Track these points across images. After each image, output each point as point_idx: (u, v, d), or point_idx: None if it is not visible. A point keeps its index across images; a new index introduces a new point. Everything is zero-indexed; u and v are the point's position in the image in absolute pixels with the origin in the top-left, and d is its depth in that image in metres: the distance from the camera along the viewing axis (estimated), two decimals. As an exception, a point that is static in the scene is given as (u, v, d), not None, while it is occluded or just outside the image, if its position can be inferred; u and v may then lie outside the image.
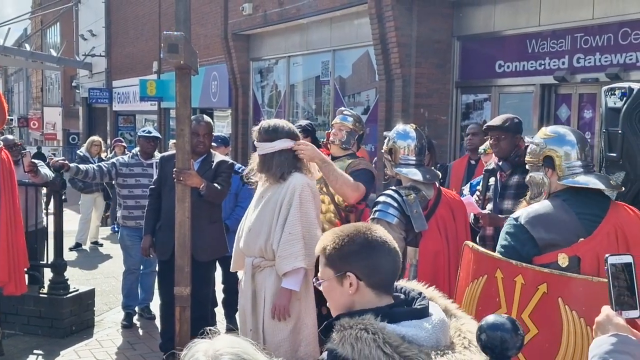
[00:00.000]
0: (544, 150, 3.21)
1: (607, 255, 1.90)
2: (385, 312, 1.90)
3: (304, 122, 6.34)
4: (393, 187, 4.08)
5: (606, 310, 1.88)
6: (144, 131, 7.32)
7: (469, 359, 1.91)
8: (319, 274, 2.07)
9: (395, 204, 3.91)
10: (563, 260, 2.93)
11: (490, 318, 2.48)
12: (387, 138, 4.24)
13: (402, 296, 2.01)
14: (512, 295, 2.93)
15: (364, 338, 1.80)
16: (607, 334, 1.83)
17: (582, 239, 2.96)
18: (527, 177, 3.33)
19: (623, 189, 3.28)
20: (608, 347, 1.79)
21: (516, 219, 3.08)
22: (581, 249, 2.95)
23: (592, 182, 3.10)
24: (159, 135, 7.41)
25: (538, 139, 3.27)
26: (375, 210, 3.97)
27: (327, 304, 2.08)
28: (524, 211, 3.11)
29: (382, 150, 4.28)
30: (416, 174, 4.05)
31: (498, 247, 3.12)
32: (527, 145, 4.70)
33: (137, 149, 7.21)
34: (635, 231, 3.06)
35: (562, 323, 2.82)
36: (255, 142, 4.33)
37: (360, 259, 1.96)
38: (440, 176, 4.23)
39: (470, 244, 3.26)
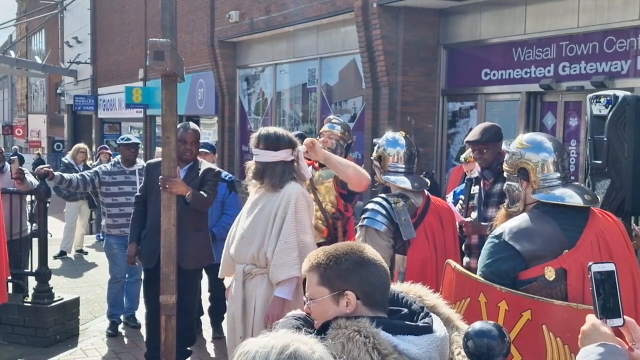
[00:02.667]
0: (520, 161, 3.14)
1: (590, 263, 1.89)
2: (384, 321, 1.89)
3: (295, 134, 6.37)
4: (382, 195, 4.07)
5: (591, 319, 1.87)
6: (122, 139, 7.31)
7: None
8: (308, 294, 2.02)
9: (384, 212, 3.91)
10: (550, 273, 2.89)
11: (477, 325, 2.48)
12: (377, 145, 4.24)
13: (406, 310, 1.99)
14: (495, 321, 2.90)
15: (355, 340, 1.80)
16: (594, 343, 1.82)
17: (566, 251, 2.92)
18: (505, 186, 3.30)
19: (599, 201, 3.22)
20: (596, 357, 1.78)
21: (498, 237, 3.01)
22: (567, 261, 2.91)
23: (567, 195, 3.04)
24: (138, 141, 7.40)
25: (514, 148, 3.19)
26: (364, 218, 3.96)
27: (315, 323, 2.02)
28: (505, 227, 3.03)
29: (372, 158, 4.28)
30: (404, 182, 4.04)
31: (481, 267, 3.04)
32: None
33: (119, 156, 7.19)
34: (615, 238, 3.03)
35: (546, 350, 2.79)
36: (253, 149, 4.31)
37: (359, 277, 1.94)
38: (429, 184, 4.22)
39: (453, 263, 3.18)
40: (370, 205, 3.99)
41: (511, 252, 2.95)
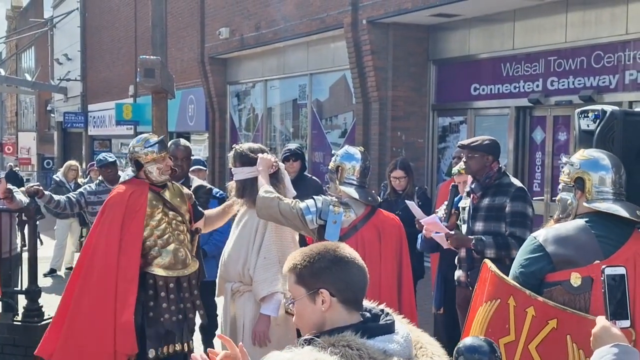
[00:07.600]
0: (577, 171, 3.19)
1: (603, 266, 1.95)
2: (362, 328, 1.92)
3: (293, 146, 6.38)
4: (332, 197, 4.19)
5: (602, 321, 1.93)
6: (98, 161, 7.32)
7: None
8: (289, 294, 2.08)
9: (319, 208, 4.07)
10: (576, 279, 2.92)
11: (468, 340, 2.49)
12: (335, 156, 4.35)
13: (368, 314, 2.04)
14: (522, 325, 2.91)
15: (349, 355, 1.81)
16: (607, 344, 1.87)
17: (597, 261, 2.93)
18: (557, 197, 3.34)
19: None
20: (611, 357, 1.85)
21: (534, 238, 3.09)
22: (595, 271, 2.89)
23: (613, 208, 3.05)
24: (114, 159, 7.36)
25: (574, 159, 3.26)
26: (305, 202, 4.09)
27: (295, 322, 2.09)
28: (543, 230, 3.11)
29: (329, 167, 4.36)
30: (353, 193, 4.16)
31: (515, 265, 3.11)
32: (500, 168, 4.78)
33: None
34: None
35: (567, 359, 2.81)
36: (232, 169, 4.32)
37: (332, 275, 1.99)
38: (378, 201, 4.32)
39: (489, 263, 3.22)
40: (318, 198, 4.13)
41: (542, 254, 3.01)
